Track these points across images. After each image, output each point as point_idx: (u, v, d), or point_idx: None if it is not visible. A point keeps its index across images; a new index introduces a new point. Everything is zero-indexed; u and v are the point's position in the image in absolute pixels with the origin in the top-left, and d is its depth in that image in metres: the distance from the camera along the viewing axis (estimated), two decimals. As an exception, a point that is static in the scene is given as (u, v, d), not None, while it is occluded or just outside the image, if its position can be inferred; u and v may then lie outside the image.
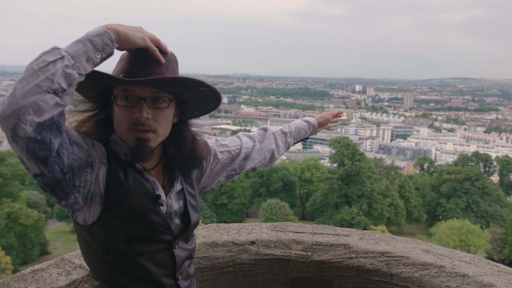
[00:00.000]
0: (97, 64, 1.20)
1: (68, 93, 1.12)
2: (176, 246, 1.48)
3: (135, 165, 1.41)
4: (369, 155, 71.14)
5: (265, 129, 1.96)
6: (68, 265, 1.87)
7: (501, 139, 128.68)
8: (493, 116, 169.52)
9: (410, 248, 2.10)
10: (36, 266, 1.85)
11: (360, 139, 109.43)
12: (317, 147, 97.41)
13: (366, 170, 46.84)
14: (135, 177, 1.39)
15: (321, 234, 2.25)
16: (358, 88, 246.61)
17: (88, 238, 1.37)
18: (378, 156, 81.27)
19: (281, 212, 40.44)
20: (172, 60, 1.40)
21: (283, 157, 58.98)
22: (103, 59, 1.21)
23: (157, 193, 1.42)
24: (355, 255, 2.08)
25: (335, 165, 50.10)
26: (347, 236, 2.24)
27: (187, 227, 1.52)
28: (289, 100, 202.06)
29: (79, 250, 2.01)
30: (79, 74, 1.14)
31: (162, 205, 1.44)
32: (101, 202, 1.32)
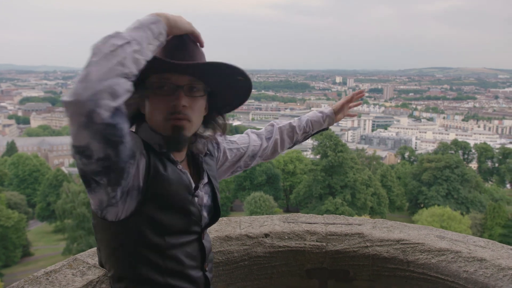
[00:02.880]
0: (154, 51, 1.19)
1: (135, 78, 1.11)
2: (204, 238, 1.47)
3: (170, 156, 1.37)
4: (351, 146, 71.83)
5: (272, 125, 1.93)
6: (81, 265, 1.81)
7: (478, 126, 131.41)
8: (470, 104, 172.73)
9: (424, 234, 2.11)
10: (49, 268, 1.79)
11: (341, 130, 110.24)
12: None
13: (349, 160, 47.24)
14: (172, 168, 1.36)
15: (334, 224, 2.24)
16: (338, 79, 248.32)
17: (117, 235, 1.31)
18: (360, 146, 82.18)
19: (265, 205, 40.52)
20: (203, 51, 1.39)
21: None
22: (158, 46, 1.21)
23: (194, 184, 1.41)
24: (370, 243, 2.08)
25: (318, 156, 50.39)
26: (359, 225, 2.23)
27: (214, 220, 1.51)
28: (271, 93, 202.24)
29: (91, 249, 1.97)
30: (145, 60, 1.14)
31: (198, 196, 1.43)
32: (139, 195, 1.27)
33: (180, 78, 1.32)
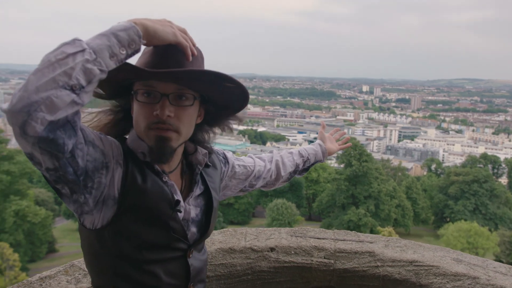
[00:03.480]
0: (121, 61, 1.08)
1: (86, 91, 1.01)
2: (191, 255, 1.37)
3: (154, 167, 1.29)
4: (376, 156, 70.82)
5: (271, 152, 1.93)
6: (77, 272, 1.76)
7: (510, 140, 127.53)
8: (501, 117, 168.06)
9: (440, 256, 1.98)
10: (44, 273, 1.75)
11: (367, 139, 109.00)
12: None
13: (373, 171, 46.54)
14: (153, 179, 1.27)
15: (344, 240, 2.13)
16: (365, 88, 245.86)
17: (94, 243, 1.25)
18: (385, 157, 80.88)
19: (287, 213, 40.30)
20: (198, 56, 1.29)
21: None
22: (128, 56, 1.09)
23: (176, 198, 1.31)
24: (381, 263, 1.96)
25: (342, 165, 49.84)
26: (371, 243, 2.11)
27: (203, 236, 1.41)
28: (296, 100, 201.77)
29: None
30: (101, 70, 1.02)
31: (181, 211, 1.33)
32: (114, 205, 1.21)
33: (166, 86, 1.23)
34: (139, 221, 1.24)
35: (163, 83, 1.22)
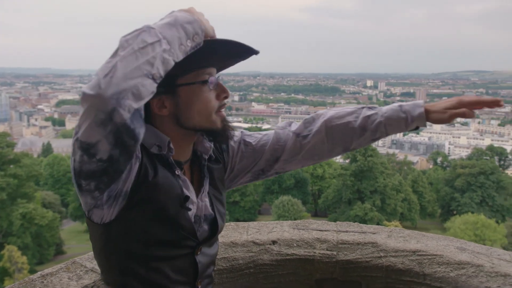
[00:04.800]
0: (187, 53, 1.11)
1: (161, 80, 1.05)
2: (199, 253, 1.35)
3: (168, 159, 1.28)
4: (382, 151, 70.58)
5: (314, 118, 1.54)
6: (79, 269, 1.76)
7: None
8: (508, 108, 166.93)
9: (443, 245, 1.96)
10: (46, 270, 1.74)
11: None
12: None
13: (379, 165, 46.42)
14: (164, 174, 1.25)
15: (346, 232, 2.12)
16: (369, 83, 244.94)
17: (102, 238, 1.23)
18: (391, 151, 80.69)
19: (293, 209, 40.28)
20: None
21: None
22: (192, 48, 1.12)
23: (186, 193, 1.29)
24: (384, 254, 1.95)
25: (347, 161, 49.75)
26: (374, 233, 2.10)
27: (214, 234, 1.39)
28: (300, 96, 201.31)
29: (91, 252, 1.92)
30: (174, 61, 1.07)
31: (190, 209, 1.30)
32: (124, 200, 1.18)
33: (213, 70, 1.31)
34: (148, 216, 1.21)
35: (213, 68, 1.31)
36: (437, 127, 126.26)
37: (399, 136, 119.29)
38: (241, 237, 2.05)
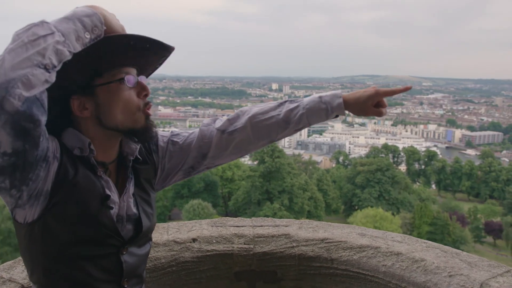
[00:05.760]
0: (86, 45, 1.16)
1: (56, 70, 1.08)
2: (125, 252, 1.37)
3: (90, 160, 1.30)
4: (288, 152, 73.27)
5: (238, 114, 1.62)
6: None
7: (406, 131, 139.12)
8: (398, 110, 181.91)
9: (347, 233, 2.19)
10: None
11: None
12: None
13: (286, 166, 48.16)
14: (85, 174, 1.28)
15: (261, 226, 2.27)
16: (274, 86, 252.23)
17: (26, 237, 1.24)
18: (297, 152, 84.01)
19: (204, 212, 40.28)
20: None
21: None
22: (92, 40, 1.17)
23: (107, 193, 1.32)
24: (296, 244, 2.13)
25: (255, 162, 50.87)
26: (286, 226, 2.28)
27: (139, 233, 1.42)
28: (207, 100, 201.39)
29: (6, 263, 1.86)
30: (69, 52, 1.11)
31: (112, 208, 1.33)
32: (45, 200, 1.20)
33: (132, 70, 1.35)
34: (69, 215, 1.23)
35: (131, 68, 1.34)
36: (338, 128, 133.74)
37: (303, 137, 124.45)
38: (162, 237, 2.11)
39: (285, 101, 1.59)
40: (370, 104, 1.54)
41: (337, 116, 1.58)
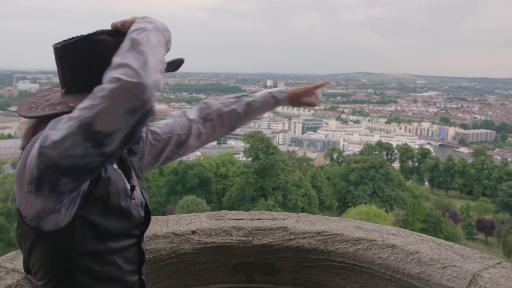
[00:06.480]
0: None
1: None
2: (143, 240, 1.42)
3: None
4: (282, 148, 73.29)
5: (206, 105, 1.76)
6: (-1, 270, 1.74)
7: (400, 128, 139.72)
8: (393, 107, 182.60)
9: (343, 226, 2.24)
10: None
11: (273, 132, 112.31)
12: (232, 142, 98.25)
13: (280, 162, 48.27)
14: (110, 168, 1.28)
15: (260, 219, 2.31)
16: (269, 83, 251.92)
17: (54, 243, 1.19)
18: (291, 148, 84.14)
19: (198, 209, 40.25)
20: None
21: (198, 153, 58.56)
22: (164, 54, 1.21)
23: (132, 183, 1.35)
24: (294, 236, 2.17)
25: (250, 159, 50.93)
26: (284, 219, 2.32)
27: (149, 219, 1.45)
28: (202, 96, 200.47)
29: (9, 254, 1.89)
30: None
31: (135, 199, 1.36)
32: (81, 200, 1.17)
33: None
34: (103, 211, 1.22)
35: None
36: (332, 125, 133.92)
37: (298, 134, 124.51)
38: (162, 229, 2.14)
39: (242, 95, 1.82)
40: (304, 97, 1.90)
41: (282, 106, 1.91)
